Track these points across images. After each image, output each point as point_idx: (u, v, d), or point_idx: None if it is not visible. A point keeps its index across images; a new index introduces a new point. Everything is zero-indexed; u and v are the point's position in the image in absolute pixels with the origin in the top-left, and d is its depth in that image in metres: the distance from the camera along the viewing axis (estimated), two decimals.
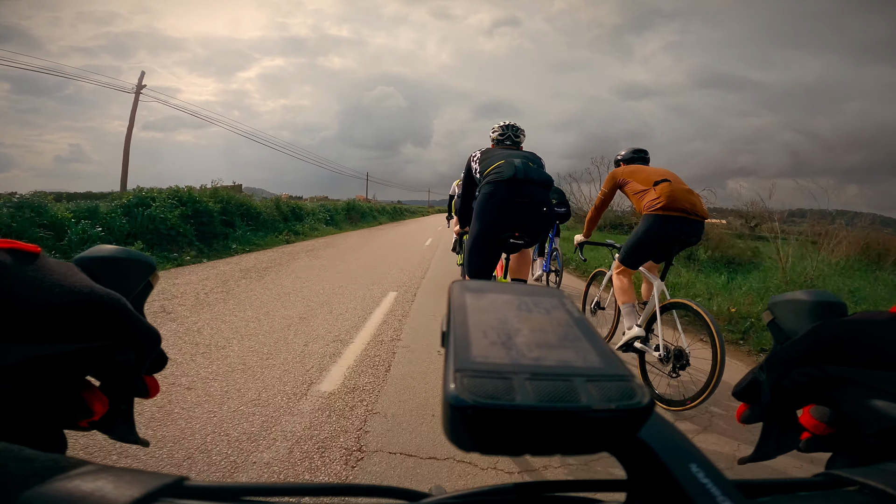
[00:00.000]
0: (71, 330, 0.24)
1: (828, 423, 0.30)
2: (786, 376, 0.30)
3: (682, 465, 0.17)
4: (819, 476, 0.21)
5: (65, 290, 0.23)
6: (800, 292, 0.33)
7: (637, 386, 0.16)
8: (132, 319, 0.27)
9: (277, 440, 1.60)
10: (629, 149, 2.60)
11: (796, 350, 0.30)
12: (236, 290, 4.08)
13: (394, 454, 1.55)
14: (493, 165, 1.95)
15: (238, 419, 1.73)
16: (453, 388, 0.15)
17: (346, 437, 1.64)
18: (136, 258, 0.31)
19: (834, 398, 0.29)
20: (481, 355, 0.17)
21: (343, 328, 3.06)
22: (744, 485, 0.20)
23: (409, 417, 1.83)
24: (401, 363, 2.46)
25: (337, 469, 1.45)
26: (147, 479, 0.16)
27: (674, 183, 2.14)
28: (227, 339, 2.69)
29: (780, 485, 0.21)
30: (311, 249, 8.09)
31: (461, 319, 0.19)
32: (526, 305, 0.21)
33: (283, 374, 2.21)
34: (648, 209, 2.15)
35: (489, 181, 1.92)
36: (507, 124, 2.25)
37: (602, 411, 0.15)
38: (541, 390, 0.15)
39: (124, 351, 0.27)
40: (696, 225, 2.12)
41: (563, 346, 0.18)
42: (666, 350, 2.05)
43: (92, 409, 0.28)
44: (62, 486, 0.15)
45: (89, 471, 0.16)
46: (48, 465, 0.16)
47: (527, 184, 1.89)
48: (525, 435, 0.15)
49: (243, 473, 1.40)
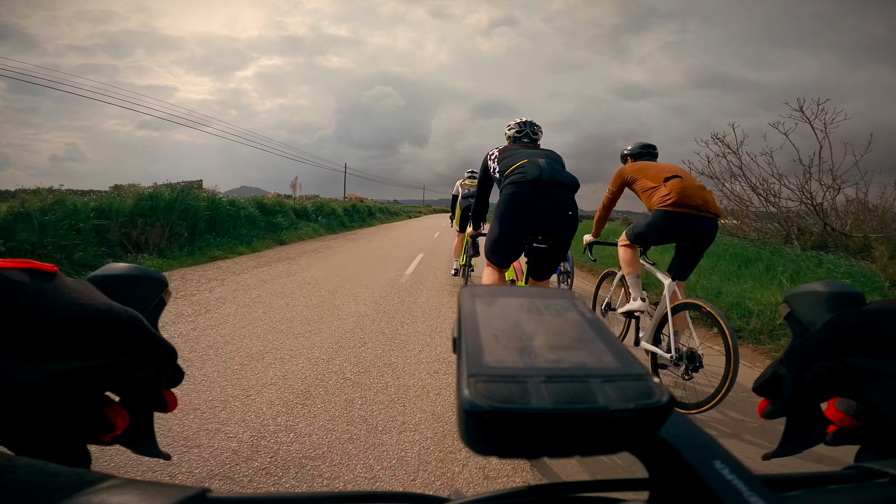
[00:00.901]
0: (89, 346, 0.24)
1: (854, 416, 0.30)
2: (807, 369, 0.30)
3: (705, 462, 0.16)
4: (849, 469, 0.21)
5: (83, 308, 0.24)
6: (816, 284, 0.33)
7: (655, 385, 0.16)
8: (149, 335, 0.27)
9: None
10: (636, 143, 2.50)
11: (815, 343, 0.30)
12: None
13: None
14: (514, 165, 1.85)
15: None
16: (468, 394, 0.15)
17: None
18: (149, 275, 0.32)
19: (858, 390, 0.29)
20: (494, 360, 0.16)
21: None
22: (771, 480, 0.20)
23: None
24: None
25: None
26: (171, 492, 0.16)
27: (685, 179, 2.08)
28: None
29: (809, 479, 0.20)
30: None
31: (472, 325, 0.19)
32: (537, 308, 0.21)
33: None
34: (659, 205, 2.08)
35: (512, 181, 1.81)
36: (524, 121, 2.14)
37: (620, 411, 0.14)
38: (557, 393, 0.15)
39: (143, 366, 0.28)
40: (709, 222, 2.05)
41: (577, 348, 0.18)
42: (678, 351, 1.99)
43: (113, 424, 0.28)
44: (88, 500, 0.15)
45: (114, 485, 0.16)
46: (73, 480, 0.16)
47: (552, 185, 1.78)
48: (542, 438, 0.15)
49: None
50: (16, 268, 0.23)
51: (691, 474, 0.16)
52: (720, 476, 0.16)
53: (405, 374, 2.27)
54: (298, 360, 2.39)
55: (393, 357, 2.51)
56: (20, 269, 0.23)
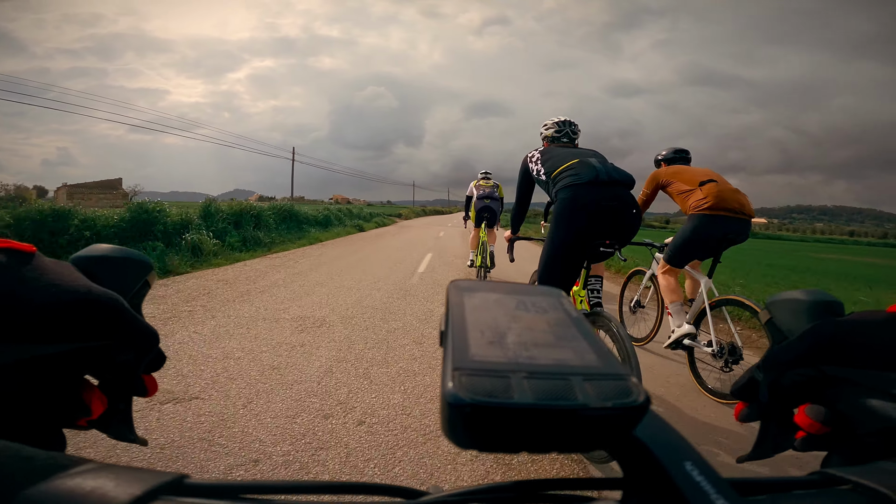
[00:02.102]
0: (68, 329, 0.24)
1: (823, 422, 0.30)
2: (783, 376, 0.30)
3: (677, 463, 0.17)
4: (814, 475, 0.21)
5: (62, 290, 0.24)
6: (797, 292, 0.34)
7: (633, 384, 0.16)
8: (130, 319, 0.27)
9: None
10: (670, 148, 2.60)
11: (793, 351, 0.30)
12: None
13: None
14: (562, 166, 1.76)
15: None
16: (451, 387, 0.15)
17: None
18: (133, 257, 0.31)
19: (830, 397, 0.29)
20: (479, 354, 0.17)
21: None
22: (738, 483, 0.20)
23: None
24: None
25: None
26: (147, 477, 0.16)
27: (720, 183, 2.18)
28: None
29: (775, 483, 0.21)
30: None
31: (459, 319, 0.19)
32: (524, 305, 0.22)
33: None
34: (695, 209, 2.18)
35: (566, 185, 1.70)
36: (563, 120, 2.06)
37: (598, 409, 0.15)
38: (538, 389, 0.15)
39: (124, 350, 0.27)
40: (744, 223, 2.16)
41: (560, 345, 0.18)
42: (719, 345, 2.09)
43: (90, 409, 0.28)
44: (63, 483, 0.15)
45: (89, 469, 0.16)
46: (48, 464, 0.16)
47: (612, 185, 1.69)
48: (522, 433, 0.15)
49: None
50: None
51: (663, 475, 0.17)
52: (690, 477, 0.16)
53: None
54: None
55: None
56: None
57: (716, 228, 2.15)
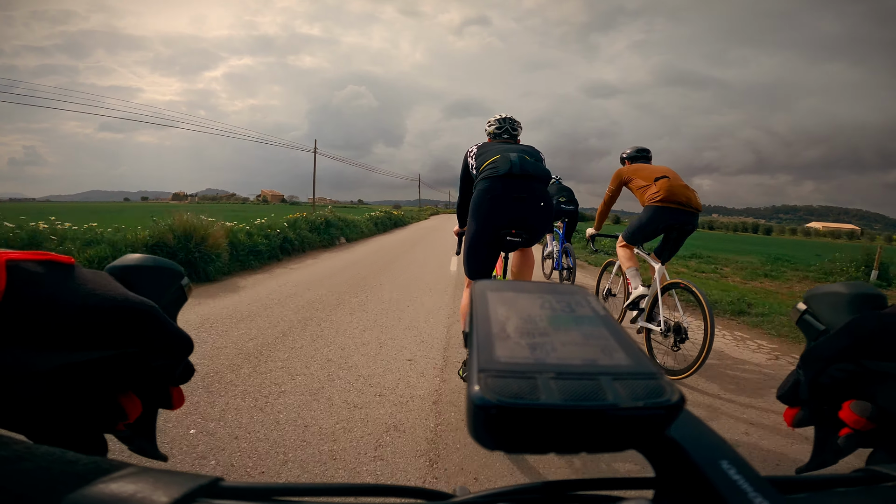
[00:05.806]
0: (106, 336, 0.25)
1: (869, 419, 0.29)
2: (823, 372, 0.29)
3: (712, 461, 0.16)
4: (858, 472, 0.20)
5: (101, 298, 0.24)
6: (837, 284, 0.32)
7: (666, 383, 0.15)
8: (165, 325, 0.28)
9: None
10: (633, 147, 2.95)
11: (833, 345, 0.29)
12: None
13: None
14: (488, 160, 1.89)
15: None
16: (477, 389, 0.15)
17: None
18: (164, 265, 0.32)
19: (873, 393, 0.28)
20: (505, 355, 0.16)
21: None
22: (778, 481, 0.20)
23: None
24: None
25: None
26: (184, 480, 0.16)
27: (672, 179, 2.52)
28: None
29: (817, 481, 0.20)
30: None
31: (484, 319, 0.19)
32: (549, 304, 0.21)
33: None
34: (649, 201, 2.52)
35: (484, 177, 1.85)
36: (503, 117, 2.18)
37: (630, 409, 0.14)
38: (566, 389, 0.15)
39: (158, 357, 0.28)
40: (690, 215, 2.51)
41: (588, 345, 0.18)
42: (666, 325, 2.38)
43: (127, 413, 0.29)
44: (105, 487, 0.15)
45: (130, 472, 0.16)
46: (90, 468, 0.16)
47: (524, 178, 1.81)
48: (550, 434, 0.15)
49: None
50: (33, 259, 0.23)
51: (697, 473, 0.16)
52: (726, 476, 0.16)
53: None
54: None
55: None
56: (37, 262, 0.24)
57: (665, 217, 2.50)
